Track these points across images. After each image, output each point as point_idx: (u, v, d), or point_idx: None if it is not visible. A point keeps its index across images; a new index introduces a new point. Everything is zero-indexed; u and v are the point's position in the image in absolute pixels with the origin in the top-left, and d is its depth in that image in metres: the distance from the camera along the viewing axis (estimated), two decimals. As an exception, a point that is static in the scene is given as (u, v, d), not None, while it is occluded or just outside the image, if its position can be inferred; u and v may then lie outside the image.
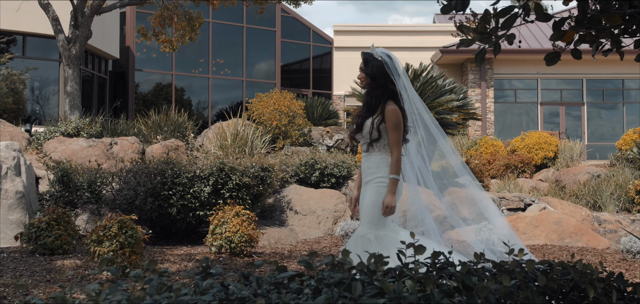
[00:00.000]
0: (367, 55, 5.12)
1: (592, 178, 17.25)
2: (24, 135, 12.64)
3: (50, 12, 15.12)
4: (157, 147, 13.09)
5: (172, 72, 26.97)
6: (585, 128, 28.67)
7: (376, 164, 4.98)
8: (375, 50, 5.16)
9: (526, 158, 20.52)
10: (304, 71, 31.81)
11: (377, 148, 4.97)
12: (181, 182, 8.31)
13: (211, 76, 27.87)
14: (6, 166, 8.92)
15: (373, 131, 4.94)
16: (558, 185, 17.80)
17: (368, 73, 5.06)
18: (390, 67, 5.05)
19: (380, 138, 4.95)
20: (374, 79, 5.03)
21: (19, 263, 6.92)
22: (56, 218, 7.46)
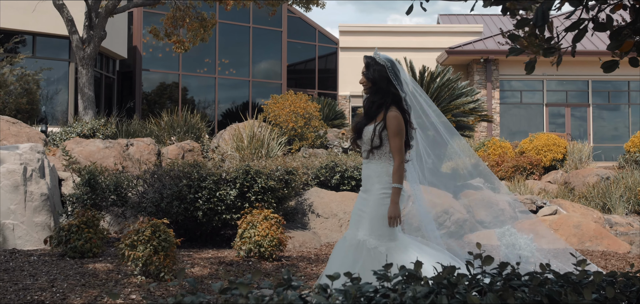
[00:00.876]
0: (369, 60, 5.05)
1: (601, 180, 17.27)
2: (41, 136, 12.64)
3: (65, 12, 15.12)
4: (172, 148, 13.09)
5: (178, 72, 26.96)
6: (591, 130, 28.70)
7: (377, 173, 4.89)
8: (378, 54, 5.06)
9: (535, 160, 20.56)
10: (309, 71, 31.83)
11: (378, 155, 4.89)
12: (208, 186, 8.33)
13: (217, 76, 27.87)
14: (31, 168, 8.93)
15: (374, 138, 4.87)
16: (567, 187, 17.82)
17: (369, 78, 5.00)
18: (392, 71, 4.98)
19: (381, 145, 4.86)
20: (375, 84, 4.97)
21: (51, 266, 6.93)
22: (86, 221, 7.47)
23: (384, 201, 4.81)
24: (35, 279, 6.36)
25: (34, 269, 6.76)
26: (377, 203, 4.83)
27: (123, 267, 6.89)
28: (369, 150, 4.90)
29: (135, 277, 6.44)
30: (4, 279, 6.29)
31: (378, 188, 4.84)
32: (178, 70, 26.93)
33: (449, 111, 12.36)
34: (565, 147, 21.20)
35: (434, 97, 12.52)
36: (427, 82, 12.51)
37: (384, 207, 4.80)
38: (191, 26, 17.23)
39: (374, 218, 4.82)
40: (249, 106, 28.55)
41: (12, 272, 6.61)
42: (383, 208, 4.79)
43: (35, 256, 7.48)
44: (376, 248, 4.74)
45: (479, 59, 28.26)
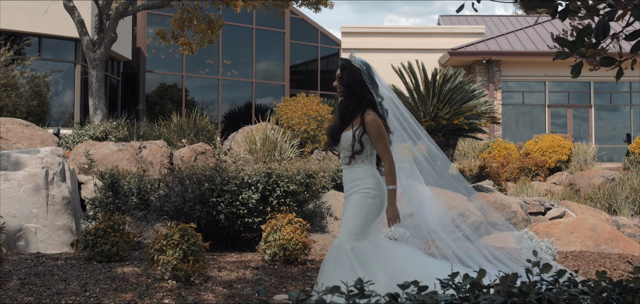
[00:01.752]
0: (344, 63, 4.99)
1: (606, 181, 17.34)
2: (54, 138, 12.65)
3: (76, 15, 15.15)
4: (185, 151, 13.12)
5: (182, 73, 27.00)
6: (593, 131, 28.80)
7: (361, 176, 4.83)
8: (353, 57, 5.00)
9: (540, 161, 20.62)
10: (311, 72, 31.90)
11: (360, 160, 4.84)
12: (230, 189, 8.36)
13: (221, 77, 27.91)
14: (52, 172, 8.96)
15: (355, 143, 4.81)
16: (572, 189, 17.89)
17: (343, 82, 4.94)
18: (367, 75, 4.91)
19: (363, 150, 4.81)
20: (349, 87, 4.92)
21: (80, 270, 6.96)
22: (112, 225, 7.51)
23: (365, 201, 4.77)
24: (67, 283, 6.39)
25: (64, 274, 6.79)
26: (358, 200, 4.79)
27: (152, 271, 6.93)
28: (351, 156, 4.84)
29: (166, 281, 6.48)
30: (36, 284, 6.32)
31: (362, 187, 4.81)
32: (182, 71, 26.97)
33: (462, 113, 12.41)
34: (570, 148, 21.27)
35: (446, 100, 12.57)
36: (439, 84, 12.56)
37: (363, 206, 4.76)
38: (199, 28, 17.27)
39: (349, 213, 4.81)
40: (252, 107, 28.59)
41: (43, 276, 6.64)
42: (361, 207, 4.76)
43: (61, 260, 7.51)
44: (340, 245, 4.70)
45: (481, 60, 28.34)
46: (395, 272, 4.57)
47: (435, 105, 12.51)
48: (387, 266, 4.64)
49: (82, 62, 21.65)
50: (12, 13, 19.39)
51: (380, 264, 4.61)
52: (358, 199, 4.77)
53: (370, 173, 4.83)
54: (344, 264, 4.60)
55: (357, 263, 4.59)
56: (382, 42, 30.79)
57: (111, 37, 15.13)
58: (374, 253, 4.68)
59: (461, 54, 28.46)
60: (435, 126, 12.53)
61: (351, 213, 4.77)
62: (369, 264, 4.59)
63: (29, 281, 6.40)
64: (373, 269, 4.55)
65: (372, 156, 4.86)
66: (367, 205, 4.76)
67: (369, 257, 4.63)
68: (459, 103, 12.66)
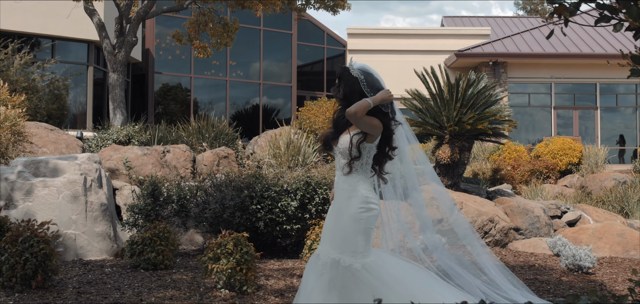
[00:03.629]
0: (342, 72, 4.71)
1: (618, 184, 17.41)
2: (78, 142, 12.67)
3: (96, 18, 15.16)
4: (207, 155, 13.15)
5: (190, 75, 27.01)
6: (599, 133, 28.91)
7: (354, 187, 4.59)
8: (352, 65, 4.69)
9: (551, 164, 20.69)
10: (316, 73, 31.94)
11: (355, 167, 4.59)
12: (270, 196, 8.40)
13: (229, 78, 27.93)
14: (90, 178, 8.99)
15: (352, 149, 4.58)
16: (584, 191, 17.94)
17: (339, 96, 4.70)
18: (366, 84, 4.62)
19: (360, 157, 4.58)
20: (346, 99, 4.65)
21: (131, 279, 6.99)
22: (158, 233, 7.54)
23: (361, 216, 4.53)
24: (121, 292, 6.42)
25: (115, 282, 6.82)
26: (353, 218, 4.54)
27: (201, 279, 6.97)
28: (346, 163, 4.60)
29: (219, 290, 6.51)
30: (92, 292, 6.36)
31: (355, 203, 4.56)
32: (190, 72, 26.99)
33: (486, 119, 12.46)
34: (581, 151, 21.34)
35: (470, 105, 12.62)
36: (463, 89, 12.60)
37: (361, 222, 4.52)
38: (214, 31, 17.28)
39: (348, 233, 4.54)
40: (260, 109, 28.63)
41: (96, 285, 6.67)
42: (359, 224, 4.52)
43: (108, 268, 7.54)
44: (351, 266, 4.47)
45: (487, 62, 28.40)
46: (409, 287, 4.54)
47: (459, 109, 12.55)
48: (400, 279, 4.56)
49: (94, 64, 21.67)
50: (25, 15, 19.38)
51: (392, 276, 4.52)
52: (355, 215, 4.53)
53: (364, 185, 4.60)
54: (359, 282, 4.44)
55: (373, 280, 4.43)
56: (388, 43, 30.86)
57: (132, 41, 15.14)
58: (384, 266, 4.55)
59: (468, 56, 28.54)
60: (459, 131, 12.57)
61: (351, 231, 4.53)
62: (383, 277, 4.47)
63: (84, 290, 6.44)
64: (388, 282, 4.47)
65: (367, 165, 4.63)
66: (364, 219, 4.54)
67: (382, 271, 4.49)
68: (482, 108, 12.71)
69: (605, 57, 27.95)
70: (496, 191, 13.54)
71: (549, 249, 10.00)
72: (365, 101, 4.44)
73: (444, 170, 12.81)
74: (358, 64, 4.68)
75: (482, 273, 6.00)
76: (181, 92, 27.52)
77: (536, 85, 29.43)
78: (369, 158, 4.64)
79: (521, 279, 7.73)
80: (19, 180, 8.75)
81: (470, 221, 10.48)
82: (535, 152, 21.74)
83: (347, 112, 4.47)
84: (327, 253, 4.59)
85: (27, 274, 6.20)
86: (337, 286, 4.50)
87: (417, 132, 13.16)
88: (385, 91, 4.59)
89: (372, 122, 4.52)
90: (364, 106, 4.44)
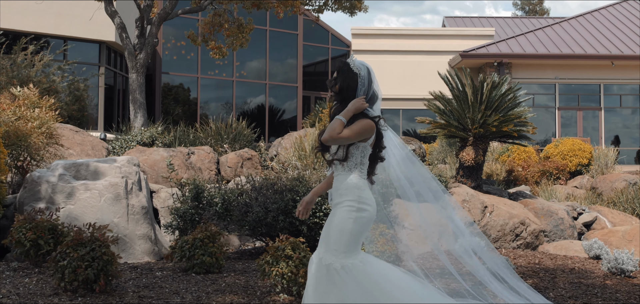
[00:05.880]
0: (341, 65, 4.62)
1: (629, 185, 17.52)
2: (103, 144, 12.68)
3: (116, 20, 15.14)
4: (231, 157, 13.17)
5: (197, 75, 27.01)
6: (603, 133, 29.06)
7: (348, 187, 4.48)
8: (353, 60, 4.61)
9: (561, 165, 20.78)
10: (320, 73, 31.99)
11: (348, 167, 4.51)
12: (314, 200, 8.43)
13: (235, 79, 27.94)
14: (131, 181, 9.00)
15: (338, 150, 4.53)
16: (594, 192, 18.03)
17: (333, 87, 4.61)
18: (364, 83, 4.55)
19: (350, 158, 4.50)
20: (341, 93, 4.55)
21: (187, 283, 7.00)
22: (209, 236, 7.56)
23: (350, 215, 4.43)
24: (181, 297, 6.44)
25: (172, 286, 6.83)
26: (342, 215, 4.46)
27: (258, 283, 6.99)
28: (339, 163, 4.54)
29: (277, 295, 6.54)
30: (152, 297, 6.37)
31: (346, 200, 4.48)
32: (196, 73, 26.98)
33: (511, 121, 12.53)
34: (591, 152, 21.45)
35: (495, 107, 12.68)
36: (488, 90, 12.67)
37: (348, 221, 4.42)
38: (230, 31, 17.28)
39: (334, 231, 4.46)
40: (266, 109, 28.64)
41: (153, 289, 6.69)
42: (346, 223, 4.42)
43: (158, 271, 7.55)
44: (331, 265, 4.40)
45: (492, 63, 28.51)
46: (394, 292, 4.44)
47: (484, 111, 12.61)
48: (383, 286, 4.45)
49: (105, 64, 21.64)
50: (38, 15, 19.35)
51: (375, 284, 4.40)
52: (344, 214, 4.45)
53: (358, 185, 4.49)
54: (337, 283, 4.37)
55: (352, 282, 4.36)
56: (392, 44, 30.93)
57: (153, 42, 15.13)
58: (366, 271, 4.41)
59: (473, 56, 28.64)
60: (484, 133, 12.63)
61: (336, 229, 4.44)
62: (363, 284, 4.37)
63: (144, 294, 6.46)
64: (369, 289, 4.37)
65: (362, 166, 4.53)
66: (352, 219, 4.43)
67: (362, 277, 4.38)
68: (506, 110, 12.78)
69: (609, 57, 28.11)
70: (518, 193, 13.60)
71: (583, 252, 10.05)
72: (337, 120, 4.37)
73: (467, 172, 12.87)
74: (359, 61, 4.61)
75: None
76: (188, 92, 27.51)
77: (541, 85, 29.55)
78: (364, 158, 4.56)
79: (565, 283, 7.80)
80: (60, 182, 8.76)
81: (501, 223, 10.55)
82: (545, 152, 21.85)
83: (322, 139, 4.43)
84: (318, 251, 4.55)
85: (90, 278, 6.21)
86: (319, 283, 4.45)
87: (441, 134, 13.22)
88: (357, 100, 4.46)
89: (358, 130, 4.44)
90: (336, 125, 4.37)
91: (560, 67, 28.95)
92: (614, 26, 31.23)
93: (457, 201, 10.70)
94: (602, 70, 28.76)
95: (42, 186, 8.69)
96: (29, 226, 7.21)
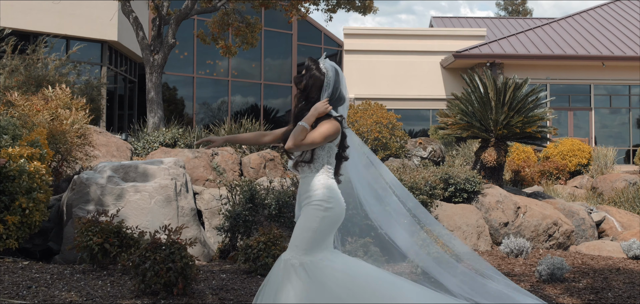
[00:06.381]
0: (310, 64, 4.57)
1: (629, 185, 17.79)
2: (127, 145, 12.60)
3: (132, 19, 15.04)
4: (254, 157, 13.15)
5: (193, 74, 26.92)
6: (593, 134, 29.45)
7: (315, 187, 4.43)
8: (324, 61, 4.56)
9: (560, 165, 21.02)
10: (312, 73, 32.00)
11: (314, 168, 4.46)
12: (366, 200, 8.47)
13: (230, 78, 27.89)
14: (179, 183, 8.98)
15: (304, 152, 4.47)
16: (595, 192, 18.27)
17: (300, 83, 4.55)
18: (330, 85, 4.50)
19: (315, 159, 4.45)
20: (304, 91, 4.53)
21: (256, 286, 7.01)
22: (272, 239, 7.58)
23: (317, 214, 4.37)
24: (255, 300, 6.44)
25: (245, 289, 6.84)
26: (309, 214, 4.41)
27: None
28: (304, 163, 4.48)
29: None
30: (231, 300, 6.38)
31: (314, 201, 4.41)
32: (192, 72, 26.88)
33: (534, 122, 12.68)
34: (590, 152, 21.72)
35: (517, 108, 12.81)
36: (511, 92, 12.81)
37: (314, 220, 4.36)
38: (239, 31, 17.25)
39: (299, 229, 4.43)
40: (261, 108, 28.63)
41: (229, 291, 6.69)
42: (311, 221, 4.36)
43: (225, 274, 7.54)
44: (288, 260, 4.35)
45: (485, 63, 28.75)
46: (356, 292, 4.33)
47: (507, 113, 12.74)
48: (347, 284, 4.34)
49: (108, 64, 21.50)
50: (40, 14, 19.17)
51: (336, 281, 4.30)
52: (309, 212, 4.39)
53: (325, 184, 4.42)
54: (293, 280, 4.28)
55: (308, 280, 4.26)
56: (384, 44, 31.08)
57: (171, 43, 15.04)
58: (324, 268, 4.33)
59: (465, 57, 28.89)
60: (508, 133, 12.76)
61: (300, 226, 4.41)
62: (323, 281, 4.29)
63: (223, 297, 6.46)
64: (329, 287, 4.28)
65: (329, 165, 4.48)
66: (319, 218, 4.36)
67: (320, 274, 4.30)
68: (528, 112, 12.92)
69: (600, 58, 28.50)
70: (535, 193, 13.74)
71: (619, 252, 10.18)
72: (300, 127, 4.34)
73: (488, 172, 12.99)
74: (329, 62, 4.55)
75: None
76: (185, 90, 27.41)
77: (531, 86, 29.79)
78: (331, 158, 4.51)
79: (619, 283, 7.92)
80: (109, 184, 8.71)
81: (535, 224, 10.67)
82: (545, 152, 22.07)
83: (286, 147, 4.41)
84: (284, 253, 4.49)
85: (171, 280, 6.21)
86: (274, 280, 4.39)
87: (465, 135, 13.32)
88: (320, 105, 4.43)
89: (325, 133, 4.40)
90: (300, 132, 4.34)
91: (552, 68, 29.27)
92: (604, 27, 31.66)
93: (492, 202, 10.81)
94: (593, 71, 29.14)
95: (91, 188, 8.63)
96: (95, 230, 7.17)
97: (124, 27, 21.33)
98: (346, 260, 4.49)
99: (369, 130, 13.77)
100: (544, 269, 7.80)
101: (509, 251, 9.32)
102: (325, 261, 4.34)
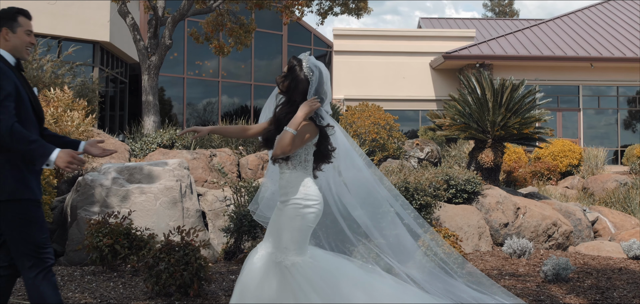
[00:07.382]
0: (294, 64, 4.53)
1: (619, 185, 17.96)
2: (125, 146, 12.56)
3: (128, 20, 15.00)
4: (252, 158, 13.17)
5: (183, 75, 26.84)
6: (582, 134, 29.64)
7: (292, 184, 4.46)
8: (308, 59, 4.52)
9: (551, 166, 21.15)
10: (302, 74, 31.99)
11: (292, 165, 4.47)
12: (373, 202, 8.50)
13: (221, 79, 27.85)
14: (184, 184, 8.98)
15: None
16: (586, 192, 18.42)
17: (283, 84, 4.52)
18: (315, 86, 4.47)
19: (291, 157, 4.45)
20: (288, 92, 4.51)
21: (268, 286, 7.03)
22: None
23: (297, 213, 4.40)
24: (272, 300, 6.46)
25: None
26: (289, 214, 4.43)
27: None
28: (283, 160, 4.49)
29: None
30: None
31: (292, 199, 4.44)
32: (183, 73, 26.81)
33: (531, 123, 12.76)
34: (580, 152, 21.87)
35: (515, 109, 12.89)
36: (508, 93, 12.88)
37: (296, 219, 4.40)
38: (233, 31, 17.25)
39: (284, 229, 4.43)
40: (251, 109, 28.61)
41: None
42: (294, 221, 4.40)
43: (232, 275, 7.55)
44: (281, 262, 4.38)
45: (474, 64, 28.87)
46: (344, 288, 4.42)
47: (504, 114, 12.82)
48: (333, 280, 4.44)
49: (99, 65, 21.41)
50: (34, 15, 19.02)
51: (324, 279, 4.39)
52: (291, 212, 4.42)
53: (303, 182, 4.45)
54: (288, 282, 4.34)
55: (302, 279, 4.34)
56: (373, 45, 31.14)
57: (167, 44, 15.00)
58: (315, 266, 4.40)
59: (455, 58, 28.98)
60: (505, 135, 12.84)
61: (284, 226, 4.43)
62: (314, 281, 4.35)
63: (236, 298, 6.46)
64: (319, 285, 4.35)
65: (307, 163, 4.49)
66: (300, 216, 4.40)
67: (311, 273, 4.37)
68: (525, 112, 13.01)
69: (588, 59, 28.70)
70: (532, 193, 13.83)
71: (618, 252, 10.25)
72: (287, 133, 4.31)
73: (485, 173, 13.06)
74: (313, 61, 4.52)
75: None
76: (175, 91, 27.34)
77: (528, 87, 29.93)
78: (309, 156, 4.52)
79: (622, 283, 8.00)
80: (114, 186, 8.69)
81: (535, 225, 10.73)
82: (536, 153, 22.19)
83: (273, 155, 4.44)
84: (264, 245, 4.53)
85: (185, 282, 6.21)
86: (267, 279, 4.40)
87: (462, 136, 13.38)
88: (306, 104, 4.39)
89: (302, 138, 4.41)
90: (287, 138, 4.31)
91: (541, 69, 29.44)
92: (592, 29, 31.87)
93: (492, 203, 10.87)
94: (581, 72, 29.34)
95: (95, 189, 8.61)
96: (105, 231, 7.16)
97: (116, 28, 21.25)
98: (326, 256, 4.56)
99: (366, 131, 13.80)
100: (549, 269, 7.85)
101: (512, 251, 9.38)
102: (312, 259, 4.42)
